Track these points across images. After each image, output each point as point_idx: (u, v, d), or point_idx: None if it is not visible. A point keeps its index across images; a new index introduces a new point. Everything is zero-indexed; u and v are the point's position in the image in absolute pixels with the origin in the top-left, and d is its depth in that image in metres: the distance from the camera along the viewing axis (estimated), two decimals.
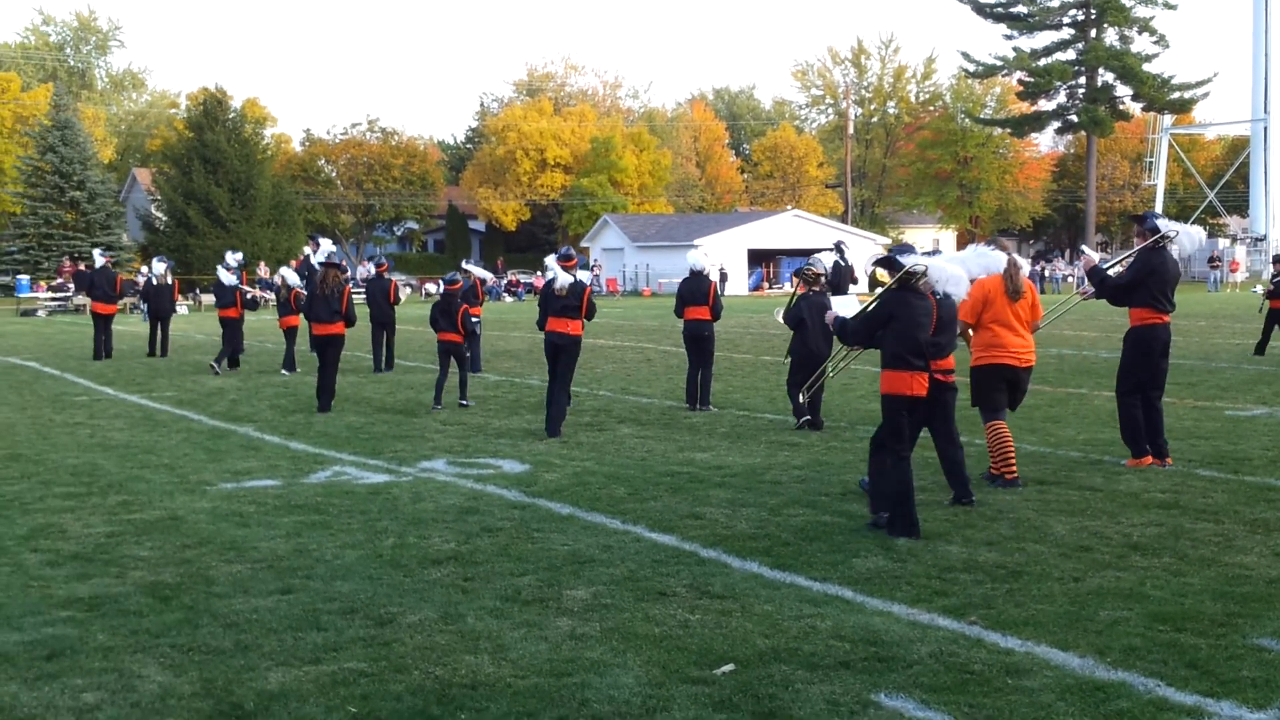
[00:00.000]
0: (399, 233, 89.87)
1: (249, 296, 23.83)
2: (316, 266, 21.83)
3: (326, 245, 25.74)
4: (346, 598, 7.50)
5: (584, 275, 14.66)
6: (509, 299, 60.61)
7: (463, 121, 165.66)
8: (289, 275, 22.37)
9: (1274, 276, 22.00)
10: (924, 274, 9.03)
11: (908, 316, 8.97)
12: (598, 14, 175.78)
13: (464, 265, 22.07)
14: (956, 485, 10.08)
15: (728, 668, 6.22)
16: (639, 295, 65.19)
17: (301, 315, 20.39)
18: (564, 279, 14.21)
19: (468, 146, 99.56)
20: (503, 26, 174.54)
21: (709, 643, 6.60)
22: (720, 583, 7.75)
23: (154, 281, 26.56)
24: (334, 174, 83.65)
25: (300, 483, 11.32)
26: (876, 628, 6.81)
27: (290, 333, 22.38)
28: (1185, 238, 11.71)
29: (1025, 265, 11.15)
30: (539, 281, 60.58)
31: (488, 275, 21.32)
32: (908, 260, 9.12)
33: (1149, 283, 11.55)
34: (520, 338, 29.89)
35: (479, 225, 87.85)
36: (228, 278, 23.51)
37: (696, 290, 16.16)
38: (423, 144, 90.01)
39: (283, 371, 21.94)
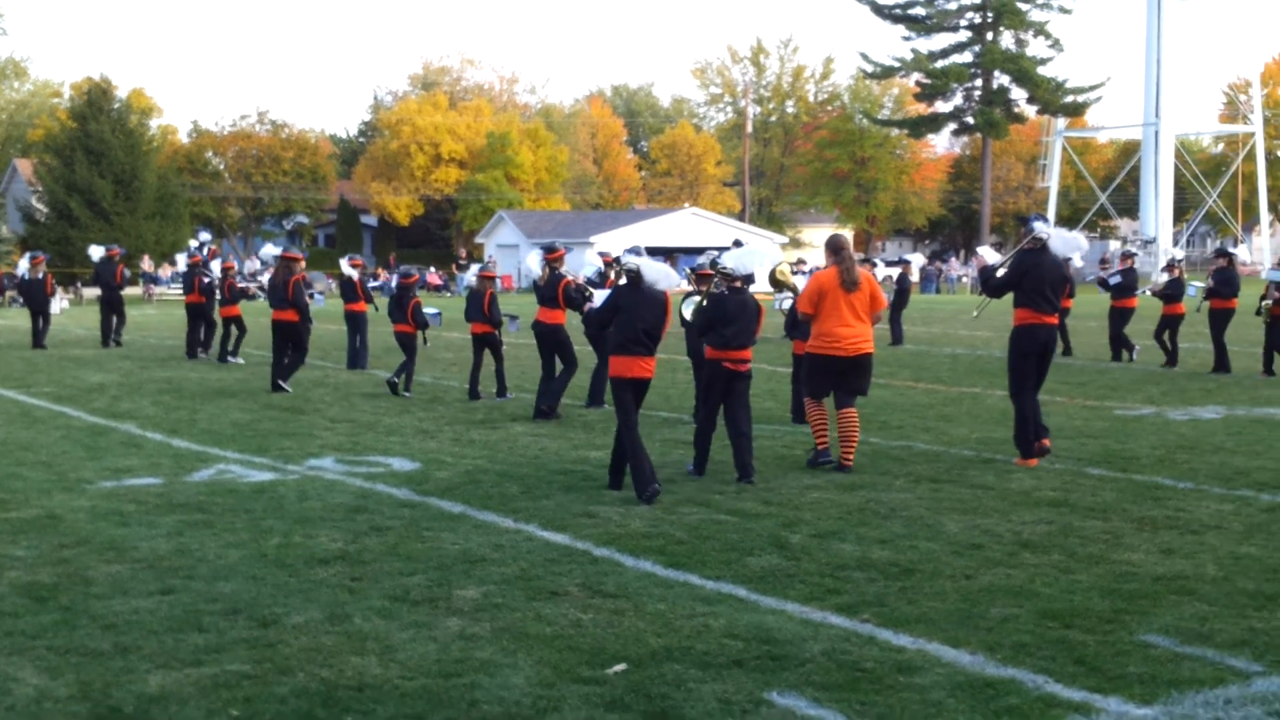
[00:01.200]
0: (289, 226, 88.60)
1: (205, 282, 23.63)
2: (189, 261, 24.09)
3: (204, 236, 26.30)
4: (229, 598, 7.32)
5: (589, 270, 15.01)
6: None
7: (356, 115, 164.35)
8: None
9: (1167, 285, 22.26)
10: (637, 271, 10.47)
11: (630, 308, 10.36)
12: (495, 8, 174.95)
13: (341, 262, 22.09)
14: (740, 467, 10.91)
15: (619, 667, 6.15)
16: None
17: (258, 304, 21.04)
18: (535, 270, 15.07)
19: (360, 140, 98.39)
20: (398, 19, 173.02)
21: (601, 642, 6.53)
22: (613, 582, 7.68)
23: (25, 277, 26.41)
24: (222, 166, 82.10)
25: (183, 481, 11.04)
26: (769, 626, 6.78)
27: (231, 321, 22.71)
28: (1057, 241, 11.87)
29: (906, 265, 11.36)
30: (433, 279, 60.47)
31: (353, 272, 21.35)
32: (626, 260, 10.82)
33: (1024, 283, 11.78)
34: None
35: (371, 220, 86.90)
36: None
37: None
38: (314, 137, 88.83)
39: (231, 359, 22.40)
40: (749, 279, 11.24)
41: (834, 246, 11.75)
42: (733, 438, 11.08)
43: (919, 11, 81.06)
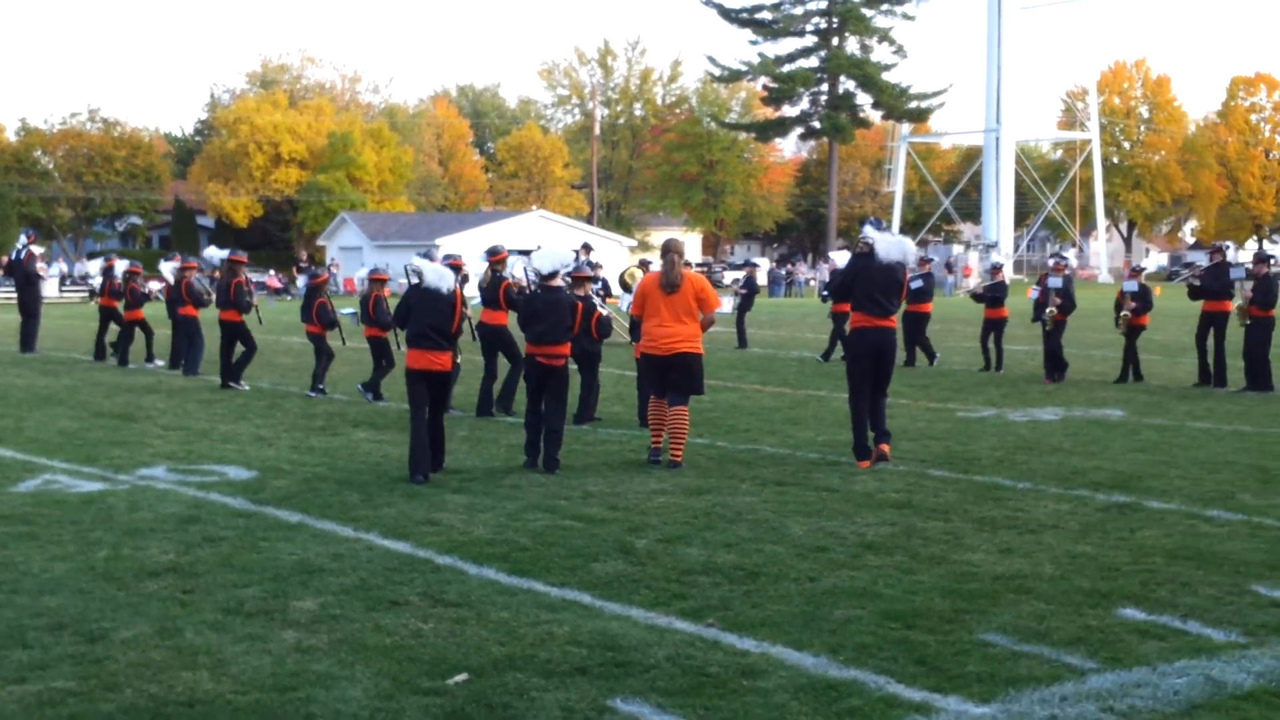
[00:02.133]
0: (121, 228, 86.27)
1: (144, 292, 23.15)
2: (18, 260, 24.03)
3: (23, 238, 25.86)
4: (55, 613, 7.03)
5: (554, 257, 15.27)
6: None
7: (192, 113, 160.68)
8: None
9: (989, 288, 22.65)
10: (419, 273, 11.49)
11: (417, 306, 11.41)
12: (336, 5, 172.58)
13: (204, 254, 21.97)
14: (545, 460, 11.60)
15: (461, 677, 6.04)
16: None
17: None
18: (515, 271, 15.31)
19: (196, 139, 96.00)
20: (235, 15, 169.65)
21: (442, 652, 6.41)
22: (455, 590, 7.54)
23: None
24: (51, 166, 79.55)
25: (7, 492, 10.59)
26: (614, 632, 6.71)
27: (134, 324, 22.58)
28: (883, 245, 12.06)
29: (761, 268, 11.59)
30: (272, 282, 59.26)
31: (169, 274, 21.32)
32: (412, 262, 11.70)
33: (856, 287, 12.05)
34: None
35: (208, 221, 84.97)
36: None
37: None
38: (148, 135, 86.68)
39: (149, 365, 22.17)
40: (550, 276, 11.98)
41: (662, 249, 12.25)
42: (544, 431, 11.70)
43: (766, 16, 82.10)
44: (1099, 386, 19.05)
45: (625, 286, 14.47)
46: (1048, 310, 19.65)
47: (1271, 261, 19.12)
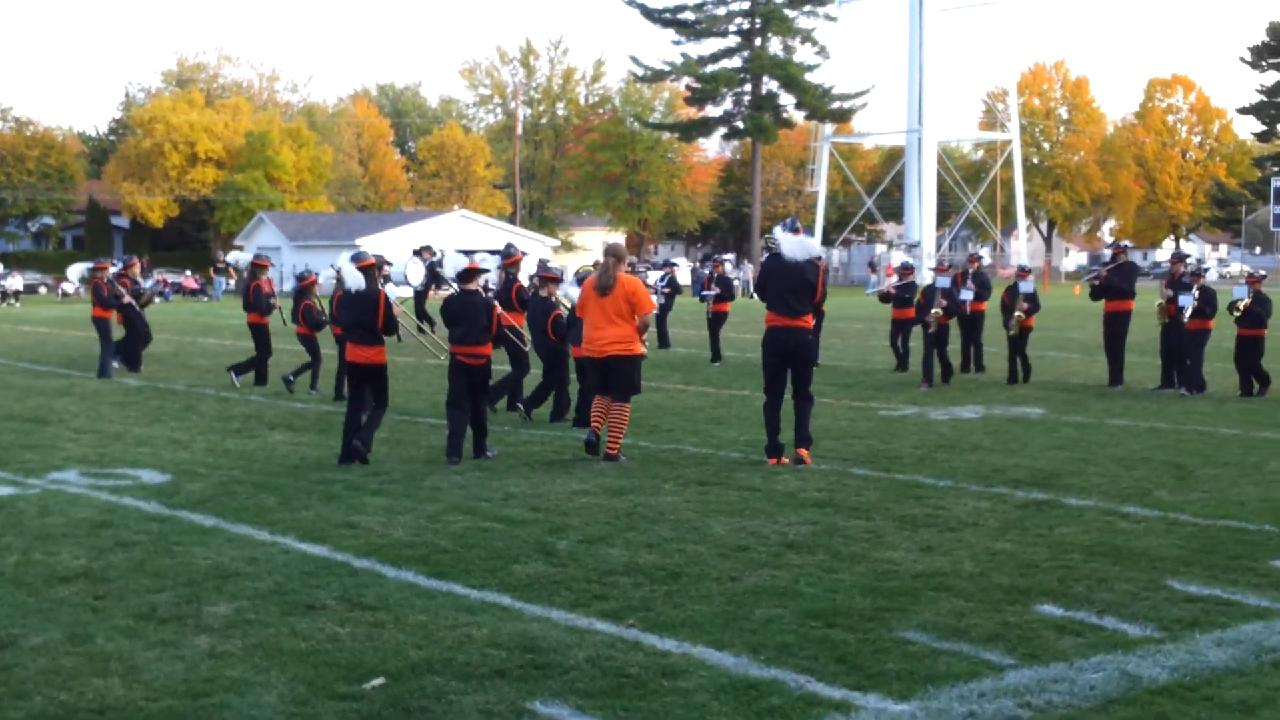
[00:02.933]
0: (33, 229, 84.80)
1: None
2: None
3: None
4: None
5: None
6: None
7: (106, 112, 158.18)
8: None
9: (898, 289, 22.66)
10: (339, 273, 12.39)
11: (344, 304, 12.40)
12: (253, 3, 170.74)
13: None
14: (476, 446, 12.28)
15: (378, 681, 5.96)
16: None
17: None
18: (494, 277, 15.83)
19: (111, 139, 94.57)
20: (150, 13, 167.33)
21: (359, 656, 6.32)
22: (373, 593, 7.45)
23: None
24: None
25: None
26: (534, 634, 6.66)
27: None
28: (788, 246, 12.12)
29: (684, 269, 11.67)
30: (188, 283, 58.45)
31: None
32: (337, 265, 12.61)
33: (769, 288, 12.19)
34: (166, 339, 28.36)
35: (123, 221, 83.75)
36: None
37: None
38: (61, 135, 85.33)
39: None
40: (467, 279, 12.57)
41: (603, 252, 12.61)
42: (473, 425, 12.33)
43: (689, 16, 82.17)
44: (1020, 385, 19.17)
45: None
46: (1015, 315, 19.41)
47: (1188, 261, 19.26)
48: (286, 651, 6.40)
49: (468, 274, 12.58)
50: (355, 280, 12.15)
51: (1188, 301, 17.72)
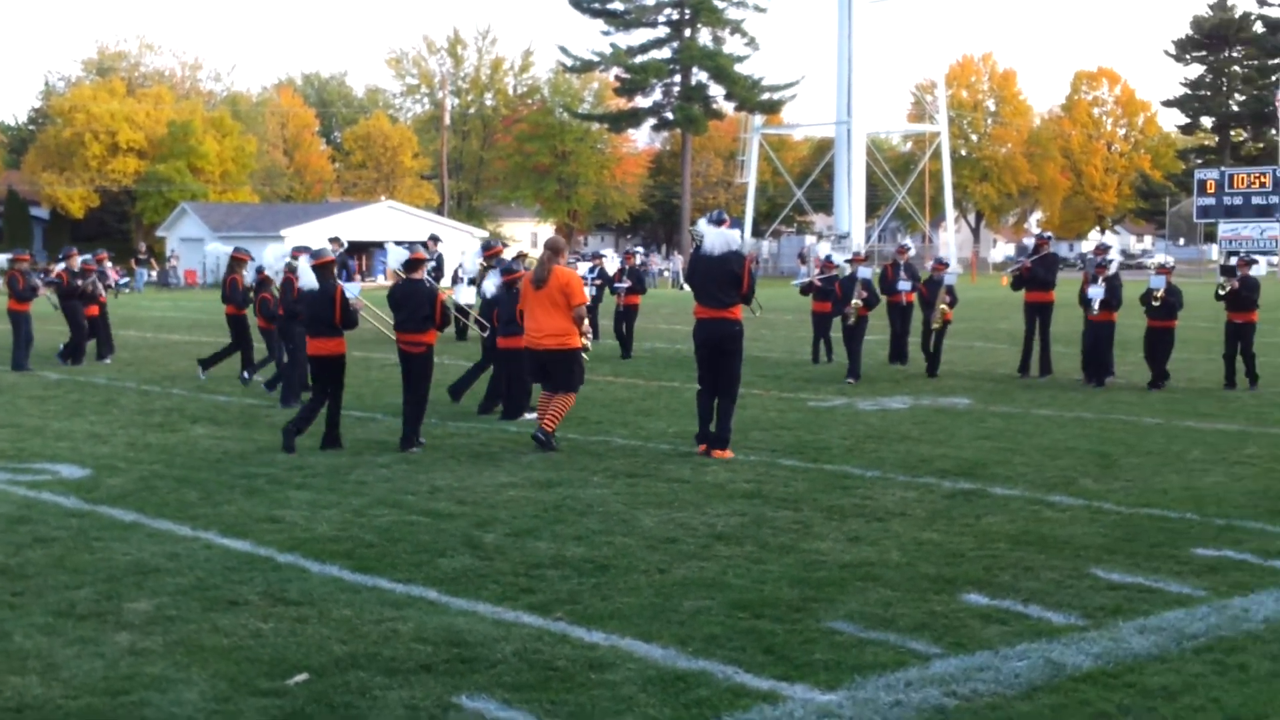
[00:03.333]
0: None
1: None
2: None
3: None
4: None
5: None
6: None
7: (25, 101, 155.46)
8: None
9: (822, 279, 22.65)
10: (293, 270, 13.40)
11: (305, 300, 12.70)
12: None
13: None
14: (402, 438, 12.40)
15: (301, 677, 5.89)
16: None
17: None
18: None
19: (30, 128, 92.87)
20: (70, 0, 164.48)
21: (282, 652, 6.24)
22: (297, 588, 7.36)
23: None
24: None
25: None
26: (460, 628, 6.60)
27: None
28: (707, 239, 12.13)
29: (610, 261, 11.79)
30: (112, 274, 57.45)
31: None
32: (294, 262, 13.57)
33: (694, 280, 12.35)
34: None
35: (42, 212, 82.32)
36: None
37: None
38: None
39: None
40: (412, 268, 12.82)
41: (545, 245, 12.81)
42: (403, 410, 12.64)
43: (618, 6, 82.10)
44: (947, 376, 19.29)
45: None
46: (939, 308, 19.29)
47: (1111, 258, 19.40)
48: (208, 648, 6.31)
49: (412, 264, 12.86)
50: (309, 280, 12.47)
51: (1096, 294, 17.89)
